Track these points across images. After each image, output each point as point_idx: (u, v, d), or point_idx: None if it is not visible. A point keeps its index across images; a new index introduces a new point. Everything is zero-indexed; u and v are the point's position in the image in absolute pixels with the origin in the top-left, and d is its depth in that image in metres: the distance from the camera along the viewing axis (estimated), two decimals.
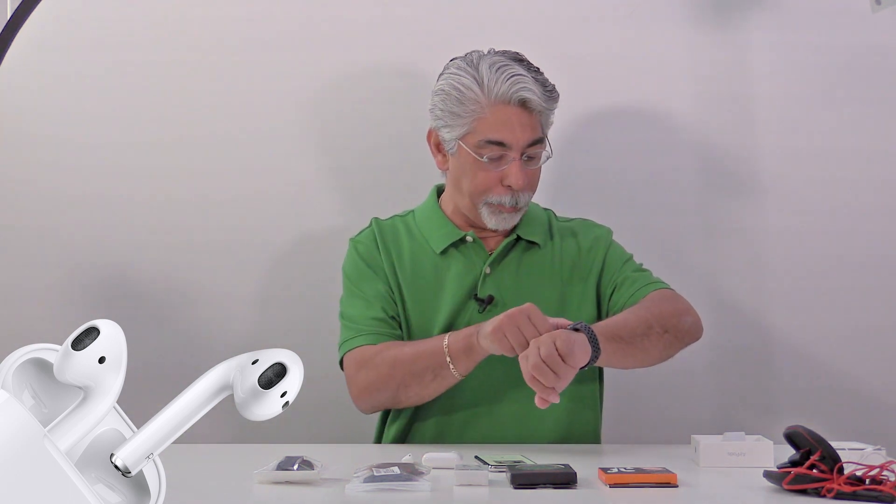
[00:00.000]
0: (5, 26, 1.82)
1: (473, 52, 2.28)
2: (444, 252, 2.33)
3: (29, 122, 2.72)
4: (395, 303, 2.31)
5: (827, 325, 2.76)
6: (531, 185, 2.29)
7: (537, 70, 2.27)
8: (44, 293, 2.71)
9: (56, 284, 2.72)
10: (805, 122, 2.76)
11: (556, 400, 1.94)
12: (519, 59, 2.27)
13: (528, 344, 1.98)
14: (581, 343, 1.98)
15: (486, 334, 2.06)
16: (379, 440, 2.37)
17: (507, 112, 2.22)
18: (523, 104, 2.22)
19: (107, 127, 2.72)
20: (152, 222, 2.73)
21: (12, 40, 1.82)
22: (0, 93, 2.68)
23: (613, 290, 2.32)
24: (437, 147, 2.33)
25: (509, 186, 2.25)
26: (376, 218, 2.41)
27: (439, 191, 2.41)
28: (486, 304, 2.28)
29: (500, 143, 2.23)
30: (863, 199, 2.77)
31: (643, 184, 2.76)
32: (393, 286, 2.31)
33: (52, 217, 2.72)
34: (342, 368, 2.30)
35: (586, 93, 2.73)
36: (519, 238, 2.34)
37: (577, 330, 2.01)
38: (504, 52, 2.27)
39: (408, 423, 2.29)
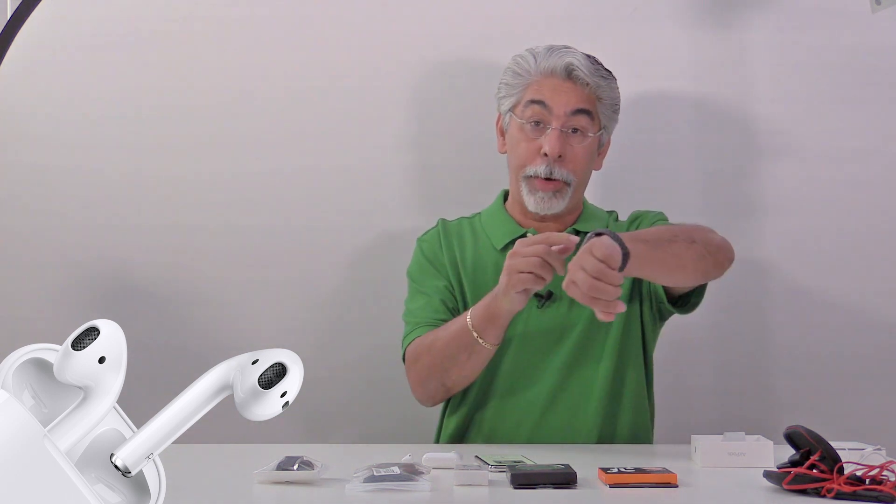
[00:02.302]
0: (5, 26, 1.82)
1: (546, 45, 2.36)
2: (504, 249, 2.34)
3: (32, 121, 2.72)
4: (456, 298, 2.34)
5: (827, 326, 2.76)
6: (572, 163, 2.30)
7: (605, 70, 2.35)
8: (44, 293, 2.71)
9: (56, 284, 2.72)
10: (805, 122, 2.76)
11: (623, 308, 1.91)
12: (586, 56, 2.33)
13: (544, 262, 2.01)
14: (610, 245, 1.93)
15: (503, 288, 2.08)
16: (438, 435, 2.39)
17: (553, 80, 2.31)
18: (569, 73, 2.29)
19: (106, 127, 2.72)
20: (152, 222, 2.73)
21: (12, 40, 1.82)
22: (0, 92, 2.68)
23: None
24: (501, 130, 2.40)
25: (546, 155, 2.28)
26: (443, 219, 2.46)
27: (506, 195, 2.44)
28: (545, 300, 2.30)
29: (542, 103, 2.29)
30: (863, 199, 2.77)
31: (642, 183, 2.76)
32: (454, 283, 2.35)
33: (53, 217, 2.72)
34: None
35: None
36: (577, 233, 2.34)
37: (598, 234, 1.98)
38: (574, 50, 2.34)
39: (467, 416, 2.30)
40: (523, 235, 2.34)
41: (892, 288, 2.77)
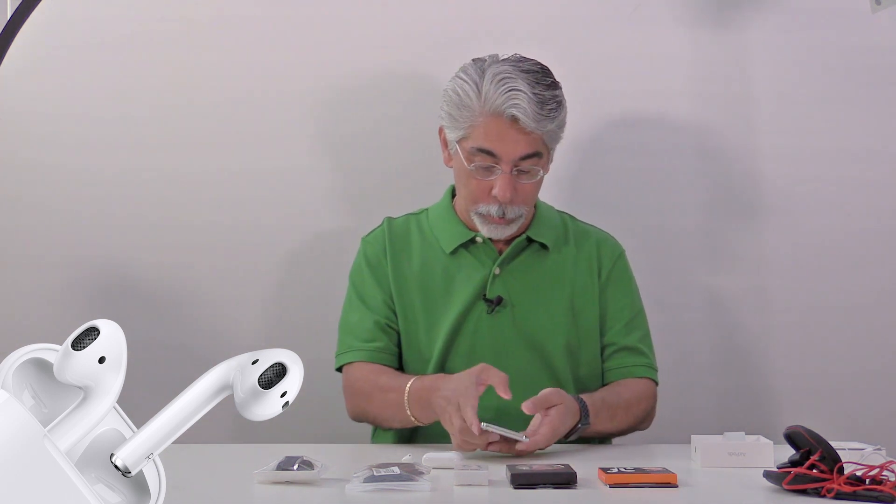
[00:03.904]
0: (5, 26, 1.82)
1: (490, 56, 2.25)
2: (454, 252, 2.33)
3: (32, 121, 2.72)
4: (396, 312, 2.32)
5: (827, 325, 2.76)
6: (523, 199, 2.26)
7: (551, 85, 2.23)
8: (44, 293, 2.71)
9: (56, 284, 2.72)
10: (805, 122, 2.76)
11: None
12: (532, 71, 2.22)
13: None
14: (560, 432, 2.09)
15: (437, 415, 2.08)
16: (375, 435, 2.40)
17: (498, 124, 2.20)
18: (514, 120, 2.19)
19: (107, 127, 2.72)
20: (153, 223, 2.73)
21: (12, 40, 1.82)
22: (0, 92, 2.68)
23: (606, 347, 2.35)
24: (445, 144, 2.32)
25: (496, 197, 2.23)
26: (389, 217, 2.42)
27: (454, 191, 2.40)
28: (495, 306, 2.29)
29: (489, 153, 2.22)
30: (863, 199, 2.77)
31: (642, 184, 2.76)
32: (395, 291, 2.32)
33: (53, 217, 2.72)
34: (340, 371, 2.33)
35: (586, 93, 2.72)
36: (530, 240, 2.34)
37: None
38: (520, 62, 2.23)
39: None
40: (472, 240, 2.33)
41: (892, 288, 2.77)
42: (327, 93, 2.74)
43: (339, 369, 2.33)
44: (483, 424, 1.96)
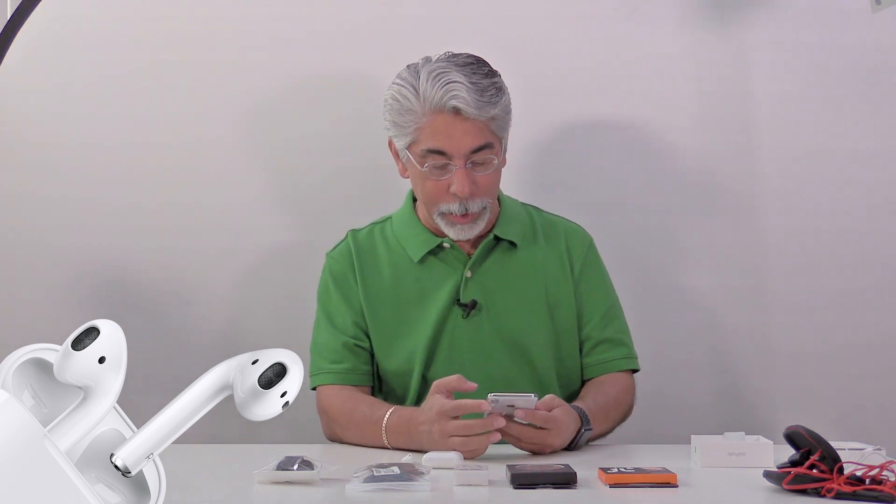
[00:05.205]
0: (5, 26, 1.83)
1: (423, 58, 2.24)
2: (422, 260, 2.31)
3: (28, 123, 2.72)
4: (367, 331, 2.30)
5: (826, 325, 2.76)
6: (484, 191, 2.23)
7: (488, 73, 2.21)
8: (44, 294, 2.71)
9: (56, 285, 2.72)
10: (805, 122, 2.76)
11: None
12: (467, 64, 2.20)
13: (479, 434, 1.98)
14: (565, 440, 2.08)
15: (433, 443, 2.00)
16: None
17: (443, 120, 2.18)
18: (457, 112, 2.18)
19: (106, 128, 2.72)
20: (154, 223, 2.73)
21: (12, 40, 1.83)
22: (0, 92, 2.68)
23: (584, 341, 2.33)
24: (397, 155, 2.30)
25: (455, 194, 2.22)
26: (353, 230, 2.39)
27: (414, 196, 2.37)
28: (470, 310, 2.28)
29: (440, 152, 2.20)
30: (863, 199, 2.77)
31: (642, 184, 2.75)
32: (367, 307, 2.31)
33: (52, 218, 2.72)
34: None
35: (584, 94, 2.73)
36: (497, 238, 2.32)
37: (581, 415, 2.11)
38: (454, 57, 2.22)
39: None
40: (440, 246, 2.31)
41: (892, 287, 2.77)
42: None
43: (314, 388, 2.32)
44: (490, 396, 1.95)
